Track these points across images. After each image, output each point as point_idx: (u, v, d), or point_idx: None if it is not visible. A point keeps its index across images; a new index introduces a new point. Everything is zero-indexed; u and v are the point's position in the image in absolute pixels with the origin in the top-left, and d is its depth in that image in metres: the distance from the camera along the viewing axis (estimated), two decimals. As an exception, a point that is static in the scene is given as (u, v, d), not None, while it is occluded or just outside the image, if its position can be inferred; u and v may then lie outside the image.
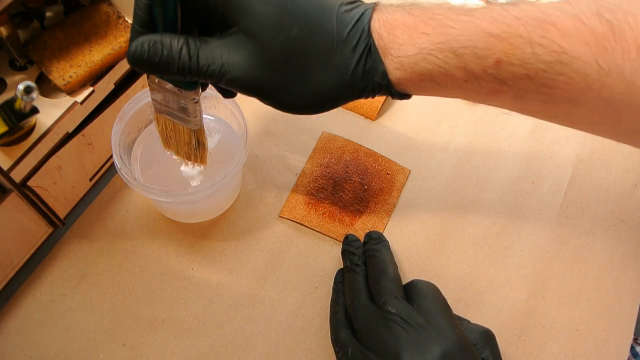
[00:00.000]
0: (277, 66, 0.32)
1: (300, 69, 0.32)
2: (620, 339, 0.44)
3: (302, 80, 0.33)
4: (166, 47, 0.32)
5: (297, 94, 0.33)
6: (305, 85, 0.33)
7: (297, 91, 0.33)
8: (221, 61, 0.32)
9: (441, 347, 0.33)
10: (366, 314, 0.36)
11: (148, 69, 0.33)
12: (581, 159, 0.52)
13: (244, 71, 0.32)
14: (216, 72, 0.32)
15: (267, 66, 0.32)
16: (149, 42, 0.32)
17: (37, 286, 0.43)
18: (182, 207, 0.45)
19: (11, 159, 0.38)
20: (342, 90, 0.33)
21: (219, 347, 0.42)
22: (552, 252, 0.47)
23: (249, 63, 0.32)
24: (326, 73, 0.33)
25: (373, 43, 0.32)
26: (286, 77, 0.33)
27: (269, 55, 0.32)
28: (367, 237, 0.44)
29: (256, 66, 0.32)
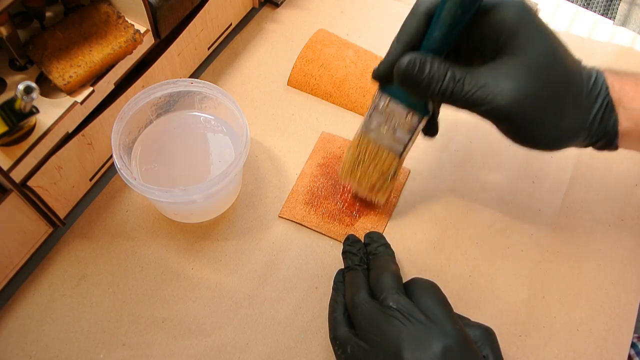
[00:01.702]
0: (542, 101, 0.35)
1: (559, 107, 0.36)
2: (620, 339, 0.44)
3: (556, 118, 0.36)
4: (434, 68, 0.36)
5: (548, 129, 0.36)
6: (557, 122, 0.36)
7: (550, 127, 0.36)
8: (489, 89, 0.35)
9: (442, 343, 0.33)
10: (366, 310, 0.36)
11: (412, 83, 0.36)
12: (581, 159, 0.52)
13: (510, 101, 0.35)
14: (480, 99, 0.35)
15: (534, 99, 0.35)
16: (420, 59, 0.36)
17: (37, 286, 0.43)
18: (182, 207, 0.45)
19: (11, 159, 0.38)
20: (580, 133, 0.37)
21: (219, 347, 0.42)
22: (552, 252, 0.47)
23: (517, 94, 0.35)
24: (574, 115, 0.36)
25: (610, 96, 0.36)
26: (545, 113, 0.36)
27: (538, 89, 0.35)
28: (367, 238, 0.44)
29: (524, 98, 0.35)
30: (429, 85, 0.36)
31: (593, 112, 0.36)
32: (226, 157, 0.46)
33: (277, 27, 0.59)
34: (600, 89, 0.36)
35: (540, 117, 0.36)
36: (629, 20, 0.63)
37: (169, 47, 0.48)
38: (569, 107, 0.36)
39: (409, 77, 0.36)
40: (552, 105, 0.36)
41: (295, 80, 0.54)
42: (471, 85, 0.35)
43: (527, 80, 0.35)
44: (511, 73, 0.35)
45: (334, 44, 0.55)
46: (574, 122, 0.37)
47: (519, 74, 0.35)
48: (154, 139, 0.47)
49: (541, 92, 0.35)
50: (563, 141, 0.38)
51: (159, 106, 0.46)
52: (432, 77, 0.36)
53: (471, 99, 0.36)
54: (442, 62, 0.36)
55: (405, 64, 0.36)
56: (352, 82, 0.53)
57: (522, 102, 0.35)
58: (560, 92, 0.36)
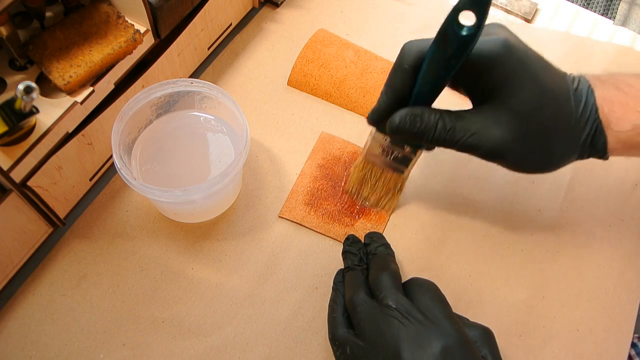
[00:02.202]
0: (530, 141, 0.37)
1: (547, 143, 0.38)
2: (620, 339, 0.44)
3: (545, 152, 0.38)
4: (424, 121, 0.38)
5: (538, 161, 0.39)
6: (546, 155, 0.38)
7: (538, 159, 0.38)
8: (479, 136, 0.37)
9: (441, 343, 0.33)
10: (365, 309, 0.36)
11: (405, 137, 0.39)
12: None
13: (500, 144, 0.37)
14: (472, 145, 0.37)
15: (522, 141, 0.37)
16: (411, 115, 0.38)
17: (37, 286, 0.43)
18: (182, 207, 0.45)
19: (11, 159, 0.38)
20: (571, 156, 0.39)
21: (219, 347, 0.42)
22: (552, 252, 0.47)
23: (506, 137, 0.37)
24: (563, 145, 0.38)
25: (600, 120, 0.38)
26: (534, 149, 0.38)
27: (525, 132, 0.37)
28: (367, 238, 0.44)
29: (512, 140, 0.37)
30: (422, 136, 0.38)
31: (583, 136, 0.38)
32: (226, 157, 0.46)
33: (277, 27, 0.59)
34: (589, 114, 0.38)
35: (530, 155, 0.38)
36: (629, 20, 0.63)
37: (169, 47, 0.48)
38: (559, 140, 0.38)
39: (402, 132, 0.38)
40: (542, 143, 0.37)
41: (295, 80, 0.54)
42: (462, 133, 0.37)
43: (516, 126, 0.37)
44: (500, 119, 0.37)
45: (334, 44, 0.55)
46: (565, 150, 0.39)
47: (508, 120, 0.36)
48: (154, 138, 0.47)
49: (530, 134, 0.37)
50: (555, 166, 0.39)
51: (159, 106, 0.46)
52: (423, 130, 0.38)
53: (463, 145, 0.38)
54: (432, 113, 0.38)
55: (397, 121, 0.38)
56: (352, 82, 0.53)
57: (510, 145, 0.37)
58: (550, 130, 0.37)
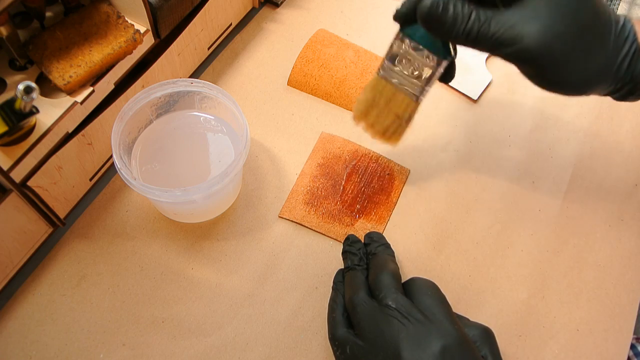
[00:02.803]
0: (570, 41, 0.35)
1: (586, 49, 0.35)
2: (620, 339, 0.44)
3: (584, 60, 0.36)
4: (458, 8, 0.35)
5: (575, 72, 0.36)
6: (584, 64, 0.36)
7: (577, 69, 0.36)
8: (516, 29, 0.34)
9: (441, 343, 0.33)
10: (365, 309, 0.36)
11: (435, 24, 0.36)
12: (581, 159, 0.52)
13: (538, 41, 0.34)
14: (507, 40, 0.35)
15: (561, 40, 0.35)
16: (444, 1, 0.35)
17: (37, 286, 0.43)
18: (182, 207, 0.45)
19: (11, 159, 0.38)
20: (608, 76, 0.37)
21: (219, 347, 0.42)
22: (552, 252, 0.47)
23: (545, 34, 0.34)
24: (602, 57, 0.36)
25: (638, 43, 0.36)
26: (573, 53, 0.35)
27: (566, 30, 0.34)
28: (367, 238, 0.44)
29: (551, 39, 0.34)
30: (453, 26, 0.35)
31: (621, 56, 0.36)
32: (226, 157, 0.46)
33: (277, 27, 0.59)
34: (628, 34, 0.36)
35: (568, 59, 0.35)
36: (629, 20, 0.63)
37: (169, 47, 0.48)
38: (597, 50, 0.36)
39: (433, 18, 0.36)
40: (580, 46, 0.35)
41: (295, 80, 0.54)
42: (498, 26, 0.35)
43: (555, 21, 0.34)
44: (539, 13, 0.34)
45: (334, 44, 0.55)
46: (602, 65, 0.36)
47: (547, 14, 0.34)
48: (154, 139, 0.47)
49: (569, 33, 0.35)
50: (589, 85, 0.37)
51: (159, 106, 0.46)
52: (456, 18, 0.35)
53: (498, 40, 0.35)
54: (465, 2, 0.35)
55: (429, 4, 0.35)
56: (352, 82, 0.53)
57: (549, 43, 0.35)
58: (589, 33, 0.35)
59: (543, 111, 0.55)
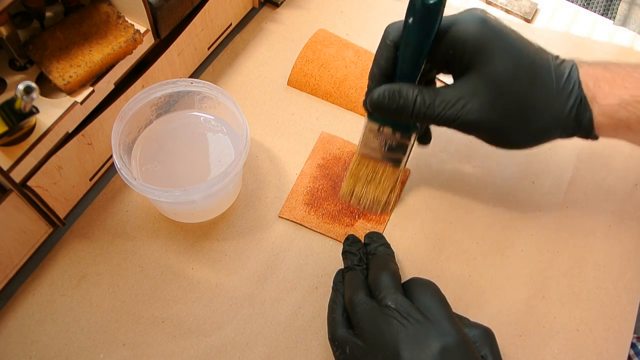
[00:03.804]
0: (509, 112, 0.37)
1: (527, 114, 0.38)
2: (620, 339, 0.44)
3: (526, 123, 0.38)
4: (403, 96, 0.39)
5: (520, 134, 0.39)
6: (528, 127, 0.38)
7: (521, 132, 0.38)
8: (458, 107, 0.38)
9: (440, 343, 0.33)
10: (365, 309, 0.36)
11: (387, 112, 0.40)
12: (581, 159, 0.52)
13: (479, 115, 0.37)
14: (452, 117, 0.38)
15: (501, 111, 0.37)
16: (390, 91, 0.39)
17: (37, 286, 0.43)
18: (182, 207, 0.45)
19: (11, 159, 0.38)
20: (555, 131, 0.39)
21: (219, 347, 0.42)
22: (552, 252, 0.47)
23: (486, 109, 0.37)
24: (546, 117, 0.38)
25: (584, 94, 0.37)
26: (514, 121, 0.38)
27: (504, 102, 0.37)
28: (367, 238, 0.44)
29: (493, 112, 0.37)
30: (402, 112, 0.39)
31: (567, 109, 0.37)
32: (226, 157, 0.46)
33: (277, 27, 0.59)
34: (572, 87, 0.37)
35: (511, 126, 0.38)
36: (629, 20, 0.63)
37: (169, 47, 0.48)
38: (540, 111, 0.38)
39: (382, 107, 0.40)
40: (522, 113, 0.37)
41: (295, 80, 0.54)
42: (441, 106, 0.38)
43: (493, 95, 0.37)
44: (477, 90, 0.37)
45: (334, 44, 0.55)
46: (547, 122, 0.38)
47: (485, 90, 0.37)
48: (154, 139, 0.47)
49: (508, 103, 0.37)
50: (538, 140, 0.39)
51: (159, 106, 0.46)
52: (403, 105, 0.39)
53: (443, 118, 0.38)
54: (411, 88, 0.39)
55: (376, 97, 0.39)
56: (352, 82, 0.53)
57: (490, 116, 0.37)
58: (527, 101, 0.37)
59: (543, 111, 0.55)
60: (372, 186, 0.47)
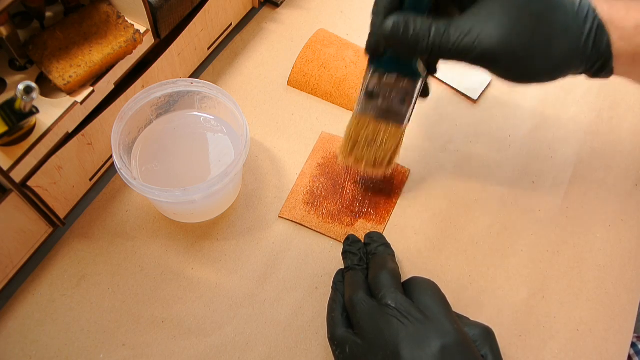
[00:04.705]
0: (528, 35, 0.35)
1: (547, 39, 0.36)
2: (620, 339, 0.44)
3: (547, 47, 0.36)
4: (417, 25, 0.36)
5: (541, 62, 0.36)
6: (548, 52, 0.36)
7: (541, 58, 0.36)
8: (475, 34, 0.35)
9: (440, 342, 0.33)
10: (365, 308, 0.36)
11: (399, 44, 0.37)
12: (581, 159, 0.52)
13: (498, 40, 0.35)
14: (469, 45, 0.35)
15: (521, 33, 0.35)
16: (403, 19, 0.36)
17: (37, 286, 0.43)
18: (182, 207, 0.45)
19: (11, 159, 0.38)
20: (575, 58, 0.37)
21: (219, 347, 0.42)
22: (552, 252, 0.47)
23: (503, 33, 0.35)
24: (565, 41, 0.36)
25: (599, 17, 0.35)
26: (535, 44, 0.36)
27: (523, 22, 0.35)
28: (367, 238, 0.44)
29: (509, 36, 0.35)
30: (416, 43, 0.36)
31: (584, 35, 0.36)
32: (226, 157, 0.46)
33: (277, 27, 0.59)
34: (587, 12, 0.36)
35: (530, 53, 0.36)
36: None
37: (169, 47, 0.48)
38: (558, 36, 0.36)
39: (396, 38, 0.37)
40: (540, 38, 0.36)
41: (295, 80, 0.54)
42: (457, 34, 0.36)
43: (510, 18, 0.35)
44: (493, 14, 0.35)
45: (334, 44, 0.55)
46: (566, 50, 0.36)
47: (501, 13, 0.35)
48: (154, 139, 0.47)
49: (526, 27, 0.35)
50: (558, 70, 0.38)
51: (159, 106, 0.46)
52: (417, 35, 0.36)
53: (459, 48, 0.36)
54: (424, 18, 0.36)
55: (390, 26, 0.37)
56: (352, 82, 0.53)
57: (508, 41, 0.35)
58: (546, 23, 0.36)
59: (543, 111, 0.55)
60: (374, 148, 0.43)
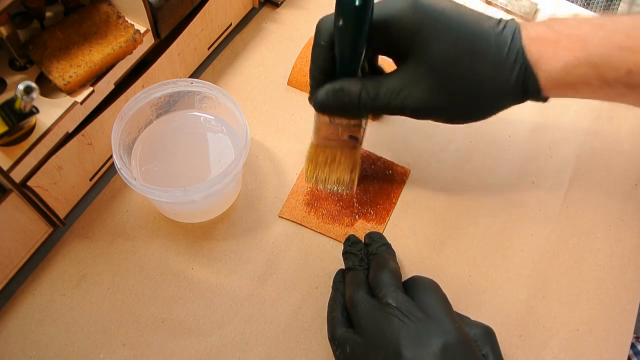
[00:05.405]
0: (454, 95, 0.38)
1: (472, 93, 0.38)
2: (620, 339, 0.44)
3: (475, 100, 0.38)
4: (347, 93, 0.38)
5: (469, 111, 0.39)
6: (476, 101, 0.38)
7: (470, 110, 0.39)
8: (403, 95, 0.38)
9: (442, 341, 0.33)
10: (365, 308, 0.36)
11: (334, 111, 0.40)
12: (581, 159, 0.52)
13: (424, 101, 0.38)
14: (399, 105, 0.38)
15: (446, 96, 0.38)
16: (332, 90, 0.39)
17: (37, 286, 0.43)
18: (182, 207, 0.45)
19: (11, 159, 0.38)
20: (504, 101, 0.39)
21: (219, 347, 0.42)
22: (552, 252, 0.47)
23: (429, 94, 0.37)
24: (492, 91, 0.38)
25: (527, 60, 0.37)
26: (461, 99, 0.38)
27: (447, 86, 0.37)
28: (368, 238, 0.44)
29: (435, 97, 0.37)
30: (349, 108, 0.39)
31: (512, 79, 0.37)
32: (226, 157, 0.46)
33: (277, 27, 0.59)
34: (516, 56, 0.37)
35: (457, 105, 0.38)
36: (629, 20, 0.63)
37: (169, 47, 0.48)
38: (486, 86, 0.37)
39: (328, 107, 0.40)
40: (466, 92, 0.37)
41: (295, 80, 0.54)
42: (386, 97, 0.38)
43: (435, 82, 0.37)
44: (418, 78, 0.37)
45: (334, 44, 0.55)
46: (495, 96, 0.38)
47: (426, 77, 0.37)
48: (154, 139, 0.47)
49: (451, 87, 0.37)
50: (488, 112, 0.40)
51: (159, 106, 0.46)
52: (348, 102, 0.39)
53: (390, 107, 0.38)
54: (354, 83, 0.38)
55: (320, 99, 0.39)
56: (352, 82, 0.53)
57: (435, 100, 0.37)
58: (472, 78, 0.37)
59: (543, 111, 0.55)
60: (333, 168, 0.46)
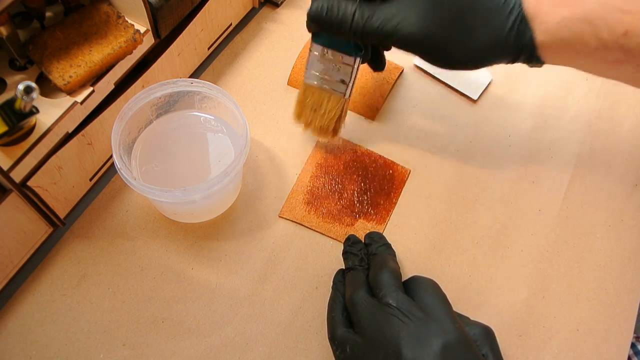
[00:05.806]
0: (449, 23, 0.37)
1: (467, 27, 0.37)
2: (620, 339, 0.44)
3: (467, 37, 0.37)
4: (342, 9, 0.38)
5: (461, 48, 0.38)
6: (468, 41, 0.37)
7: (462, 46, 0.38)
8: (396, 20, 0.37)
9: (442, 340, 0.33)
10: (365, 307, 0.36)
11: (325, 26, 0.39)
12: (581, 159, 0.52)
13: (418, 28, 0.37)
14: (390, 30, 0.38)
15: (440, 23, 0.37)
16: (328, 3, 0.39)
17: (37, 286, 0.43)
18: (182, 207, 0.45)
19: (11, 159, 0.38)
20: (497, 49, 0.38)
21: (219, 347, 0.42)
22: (552, 252, 0.47)
23: (423, 20, 0.37)
24: (486, 32, 0.37)
25: (524, 12, 0.36)
26: (455, 34, 0.37)
27: (443, 13, 0.37)
28: (368, 238, 0.44)
29: (430, 23, 0.37)
30: (340, 25, 0.39)
31: (507, 27, 0.37)
32: (226, 157, 0.46)
33: (277, 27, 0.59)
34: (513, 4, 0.37)
35: (449, 39, 0.37)
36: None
37: (169, 47, 0.48)
38: (479, 25, 0.37)
39: (320, 20, 0.39)
40: (460, 26, 0.37)
41: (295, 80, 0.54)
42: (380, 19, 0.38)
43: (429, 10, 0.37)
44: (415, 3, 0.37)
45: (334, 44, 0.55)
46: (487, 39, 0.37)
47: (422, 4, 0.37)
48: (154, 139, 0.47)
49: (444, 19, 0.37)
50: (480, 59, 0.39)
51: (159, 106, 0.46)
52: (341, 19, 0.38)
53: (381, 32, 0.38)
54: (350, 3, 0.38)
55: (314, 9, 0.39)
56: (352, 82, 0.53)
57: (428, 28, 0.37)
58: (467, 12, 0.37)
59: (543, 111, 0.55)
60: (319, 114, 0.46)
